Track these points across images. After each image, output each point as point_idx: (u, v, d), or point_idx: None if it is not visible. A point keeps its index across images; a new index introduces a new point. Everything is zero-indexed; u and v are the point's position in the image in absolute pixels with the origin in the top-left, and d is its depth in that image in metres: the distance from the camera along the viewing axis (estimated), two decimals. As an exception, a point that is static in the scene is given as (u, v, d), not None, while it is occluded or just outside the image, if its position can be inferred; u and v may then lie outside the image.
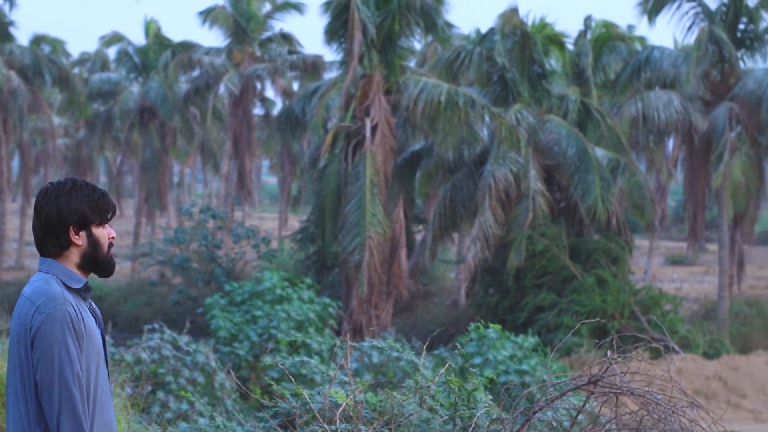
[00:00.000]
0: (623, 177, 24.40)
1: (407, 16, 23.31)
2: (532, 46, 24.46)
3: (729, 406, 20.57)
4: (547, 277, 23.07)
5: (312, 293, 18.39)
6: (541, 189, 23.22)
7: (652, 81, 27.64)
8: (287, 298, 17.73)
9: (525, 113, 23.80)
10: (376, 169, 22.17)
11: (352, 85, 23.02)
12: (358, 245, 21.62)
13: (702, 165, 27.14)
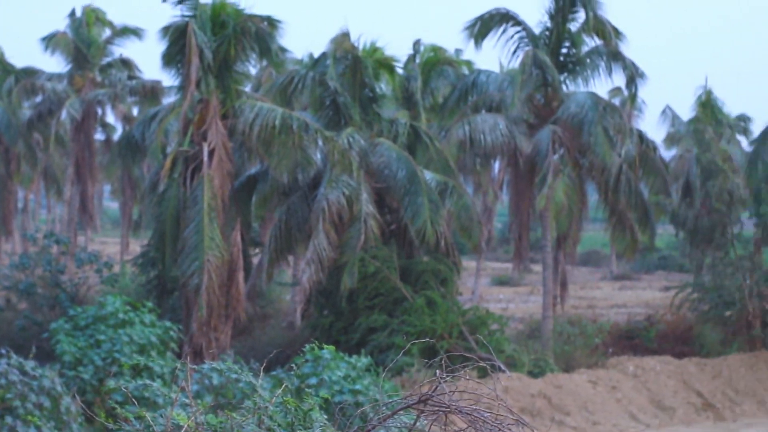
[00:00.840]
0: (451, 199, 25.55)
1: (242, 41, 24.05)
2: (363, 70, 25.42)
3: (553, 423, 21.92)
4: (379, 299, 24.02)
5: (153, 317, 18.93)
6: (373, 212, 24.18)
7: (479, 104, 28.88)
8: (130, 322, 18.24)
9: (357, 137, 24.77)
10: (213, 193, 22.81)
11: (189, 110, 23.66)
12: (197, 269, 22.26)
13: (527, 187, 28.52)
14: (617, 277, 59.77)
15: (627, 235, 28.93)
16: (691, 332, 29.34)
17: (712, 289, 28.84)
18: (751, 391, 26.19)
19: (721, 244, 28.79)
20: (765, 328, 28.36)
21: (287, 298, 32.28)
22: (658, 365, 25.46)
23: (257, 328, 27.90)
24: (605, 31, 29.14)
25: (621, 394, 23.61)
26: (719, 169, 28.45)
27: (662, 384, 24.77)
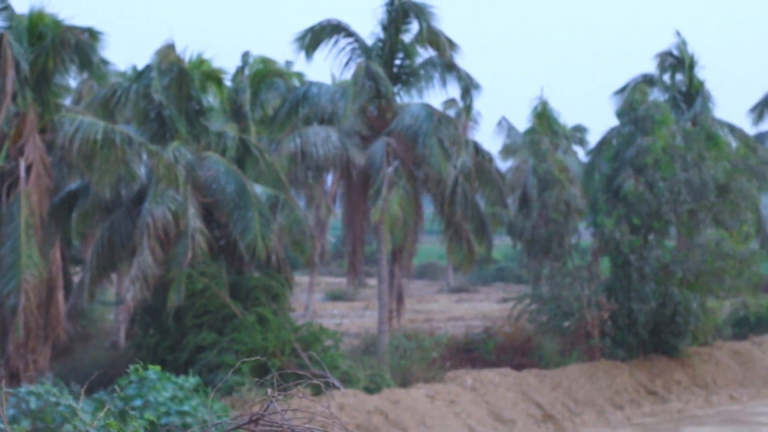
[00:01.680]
0: (283, 213, 25.62)
1: (62, 53, 23.80)
2: (190, 83, 25.37)
3: (390, 439, 22.04)
4: (208, 316, 23.91)
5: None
6: (201, 227, 24.08)
7: (311, 117, 29.08)
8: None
9: (183, 150, 24.61)
10: (31, 210, 22.46)
11: (5, 124, 23.13)
12: (13, 288, 21.92)
13: (360, 200, 28.78)
14: (454, 290, 60.84)
15: (463, 247, 29.46)
16: (530, 343, 30.03)
17: (551, 299, 29.61)
18: (591, 401, 27.00)
19: (559, 254, 29.60)
20: (604, 337, 29.27)
21: (110, 317, 31.82)
22: (497, 378, 25.98)
23: (78, 349, 27.45)
24: (439, 42, 29.71)
25: (460, 407, 23.96)
26: (556, 180, 29.29)
27: (501, 396, 25.28)
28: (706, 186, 29.89)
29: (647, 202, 29.25)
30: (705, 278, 29.94)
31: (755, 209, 33.13)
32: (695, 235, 30.15)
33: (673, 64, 38.03)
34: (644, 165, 29.63)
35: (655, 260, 29.26)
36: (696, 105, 36.77)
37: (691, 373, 30.11)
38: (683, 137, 31.21)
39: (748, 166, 31.48)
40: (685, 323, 29.60)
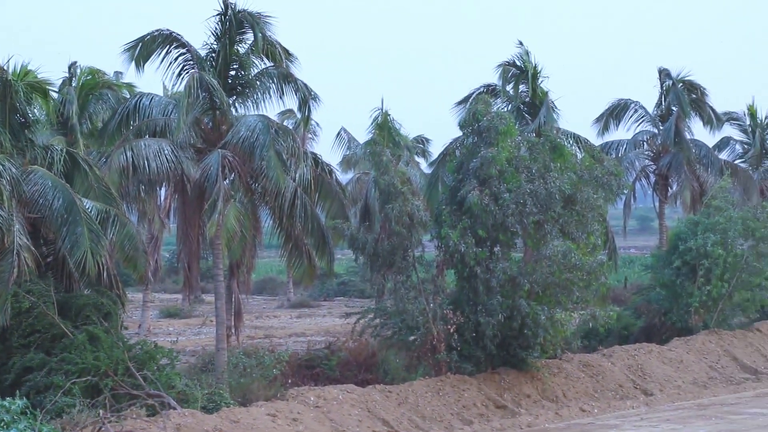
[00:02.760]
0: (114, 229, 25.77)
1: None
2: (14, 95, 25.26)
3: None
4: (36, 336, 23.95)
5: None
6: (27, 243, 24.06)
7: (143, 129, 29.30)
8: None
9: (7, 164, 24.64)
10: None
11: None
12: None
13: (196, 214, 29.10)
14: (295, 305, 61.50)
15: (304, 261, 30.02)
16: (375, 359, 30.66)
17: (395, 313, 30.19)
18: (438, 416, 27.63)
19: (403, 267, 30.18)
20: (450, 351, 29.93)
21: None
22: (341, 394, 26.44)
23: None
24: (275, 53, 30.28)
25: (303, 425, 24.34)
26: (398, 192, 29.88)
27: (346, 413, 25.73)
28: (552, 197, 30.66)
29: (492, 213, 29.90)
30: (553, 290, 30.73)
31: (602, 220, 34.01)
32: (542, 247, 30.82)
33: (517, 75, 39.29)
34: (489, 176, 30.29)
35: (502, 272, 29.92)
36: (540, 115, 38.01)
37: (540, 386, 30.92)
38: (528, 148, 31.96)
39: (594, 176, 32.36)
40: (533, 336, 30.34)
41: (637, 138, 50.40)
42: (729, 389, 34.25)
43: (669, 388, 33.48)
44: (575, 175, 31.89)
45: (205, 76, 28.70)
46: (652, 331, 39.57)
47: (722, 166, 49.42)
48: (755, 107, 53.86)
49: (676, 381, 34.11)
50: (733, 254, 38.44)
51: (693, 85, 49.73)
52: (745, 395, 33.41)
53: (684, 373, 34.85)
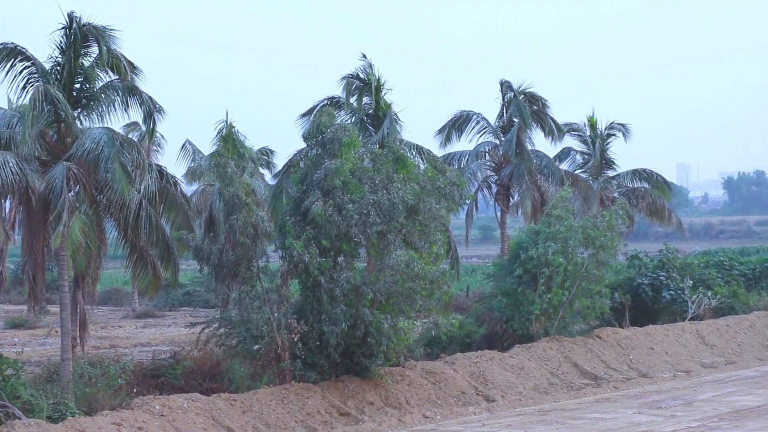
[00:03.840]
0: (-43, 241, 26.03)
1: None
2: None
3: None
4: None
5: None
6: None
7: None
8: None
9: None
10: None
11: None
12: None
13: (41, 226, 29.58)
14: (140, 315, 62.03)
15: (149, 272, 30.72)
16: (220, 368, 31.42)
17: (240, 323, 30.97)
18: (283, 424, 28.46)
19: (247, 277, 30.96)
20: (294, 360, 30.84)
21: None
22: (185, 403, 27.15)
23: None
24: (120, 66, 30.93)
25: (149, 434, 25.00)
26: (243, 203, 30.63)
27: (191, 422, 26.48)
28: (395, 207, 31.65)
29: (336, 224, 30.85)
30: (396, 299, 31.73)
31: (444, 230, 35.06)
32: (385, 257, 31.71)
33: (360, 87, 40.47)
34: (332, 187, 31.21)
35: (346, 282, 30.87)
36: (383, 127, 39.24)
37: (383, 393, 31.88)
38: (371, 159, 32.99)
39: (436, 187, 33.45)
40: (376, 344, 31.34)
41: (479, 149, 51.95)
42: (569, 395, 35.48)
43: (510, 394, 34.58)
44: (418, 186, 32.81)
45: (50, 89, 29.23)
46: (494, 339, 40.69)
47: (563, 176, 51.17)
48: (595, 118, 55.88)
49: (518, 387, 35.24)
50: (573, 262, 39.73)
51: (534, 96, 51.44)
52: (585, 400, 34.64)
53: (525, 380, 36.02)
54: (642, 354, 41.40)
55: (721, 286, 52.72)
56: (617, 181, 57.26)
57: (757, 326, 48.26)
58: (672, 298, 48.76)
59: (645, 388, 37.03)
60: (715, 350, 44.29)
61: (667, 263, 50.08)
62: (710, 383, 37.88)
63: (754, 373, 40.55)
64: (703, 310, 48.77)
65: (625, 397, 35.23)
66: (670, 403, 33.12)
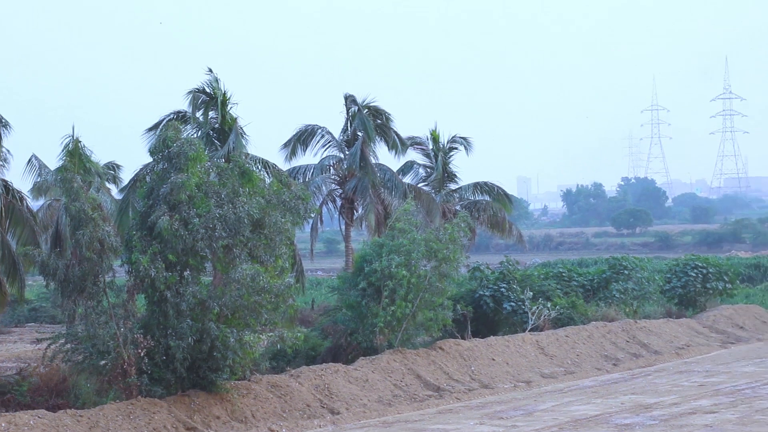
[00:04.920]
0: None
1: None
2: None
3: None
4: None
5: None
6: None
7: None
8: None
9: None
10: None
11: None
12: None
13: None
14: (-16, 332, 61.03)
15: (-6, 288, 30.70)
16: (66, 384, 31.55)
17: (86, 338, 31.18)
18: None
19: (94, 293, 31.24)
20: (141, 375, 31.20)
21: None
22: (32, 420, 27.32)
23: None
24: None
25: (-6, 451, 25.18)
26: (89, 218, 30.88)
27: (37, 439, 26.60)
28: (241, 221, 32.20)
29: (182, 238, 31.31)
30: (242, 313, 32.26)
31: (290, 243, 35.66)
32: (231, 271, 32.25)
33: (207, 101, 40.99)
34: (179, 201, 31.68)
35: (192, 296, 31.38)
36: (229, 141, 39.80)
37: (230, 407, 32.34)
38: (218, 173, 33.55)
39: (282, 201, 34.10)
40: (222, 358, 31.85)
41: (324, 163, 52.84)
42: (413, 406, 36.30)
43: (355, 406, 35.31)
44: (264, 200, 33.41)
45: None
46: (339, 351, 41.64)
47: (406, 189, 52.38)
48: (438, 132, 57.26)
49: (362, 399, 36.00)
50: (416, 275, 40.67)
51: (378, 110, 52.53)
52: (428, 412, 35.50)
53: (369, 392, 36.80)
54: (484, 365, 42.47)
55: (560, 297, 54.37)
56: (459, 194, 58.63)
57: (595, 336, 49.99)
58: (513, 310, 50.22)
59: (487, 399, 38.06)
60: (555, 360, 45.69)
61: (508, 275, 51.59)
62: (550, 393, 39.09)
63: (592, 382, 41.99)
64: (543, 321, 50.29)
65: (467, 408, 36.15)
66: (512, 413, 34.14)
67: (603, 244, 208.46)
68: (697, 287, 63.84)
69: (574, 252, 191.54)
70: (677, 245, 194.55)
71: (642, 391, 38.50)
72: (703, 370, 44.64)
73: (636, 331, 52.61)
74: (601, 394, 38.05)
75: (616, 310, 56.19)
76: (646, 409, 33.93)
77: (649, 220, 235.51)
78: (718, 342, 55.46)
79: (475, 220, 56.13)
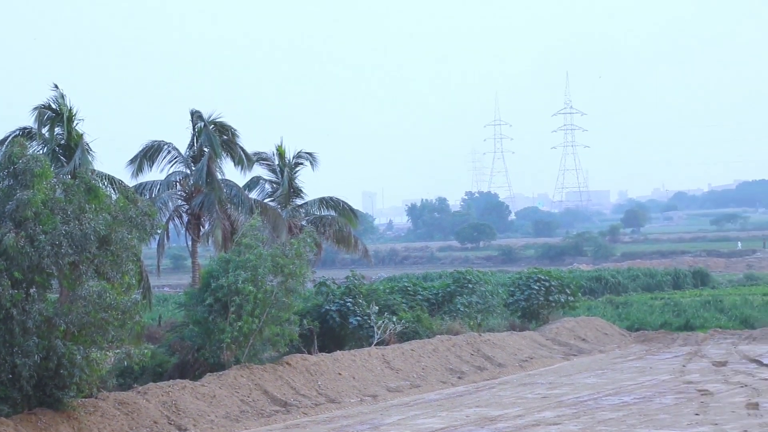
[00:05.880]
0: None
1: None
2: None
3: None
4: None
5: None
6: None
7: None
8: None
9: None
10: None
11: None
12: None
13: None
14: None
15: None
16: None
17: None
18: None
19: None
20: None
21: None
22: None
23: None
24: None
25: None
26: None
27: None
28: (87, 238, 32.29)
29: (29, 255, 31.31)
30: (89, 330, 32.31)
31: (136, 260, 35.97)
32: (78, 288, 32.35)
33: (52, 117, 40.90)
34: (25, 218, 31.66)
35: (38, 313, 31.34)
36: (75, 158, 39.78)
37: (77, 425, 32.39)
38: (64, 190, 33.60)
39: (128, 217, 34.30)
40: (69, 376, 31.86)
41: (170, 179, 53.00)
42: (260, 422, 36.78)
43: (203, 423, 35.60)
44: (110, 216, 33.54)
45: None
46: (186, 368, 41.77)
47: (252, 204, 52.90)
48: (284, 147, 57.94)
49: (210, 416, 36.33)
50: (263, 290, 41.24)
51: (224, 126, 52.95)
52: (275, 427, 36.07)
53: (217, 408, 37.15)
54: (330, 380, 43.17)
55: (405, 311, 55.40)
56: (305, 209, 59.32)
57: (440, 350, 51.13)
58: (359, 324, 51.02)
59: (333, 414, 38.82)
60: (401, 374, 46.60)
61: (354, 290, 52.43)
62: (396, 407, 40.02)
63: (438, 396, 43.07)
64: (388, 335, 51.20)
65: (314, 422, 36.81)
66: (358, 427, 34.94)
67: (447, 258, 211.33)
68: (540, 300, 65.59)
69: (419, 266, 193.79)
70: (520, 259, 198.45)
71: (487, 403, 39.60)
72: (546, 382, 46.07)
73: (480, 344, 53.92)
74: (447, 407, 39.09)
75: (461, 323, 57.37)
76: (491, 421, 34.99)
77: (492, 233, 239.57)
78: (561, 354, 57.17)
79: (321, 235, 56.87)
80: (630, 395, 40.40)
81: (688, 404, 37.21)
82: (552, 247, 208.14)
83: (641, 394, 40.72)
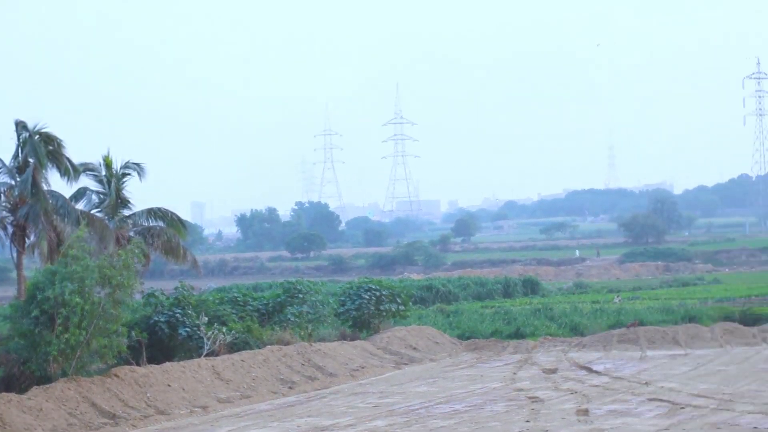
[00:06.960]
0: None
1: None
2: None
3: None
4: None
5: None
6: None
7: None
8: None
9: None
10: None
11: None
12: None
13: None
14: None
15: None
16: None
17: None
18: None
19: None
20: None
21: None
22: None
23: None
24: None
25: None
26: None
27: None
28: None
29: None
30: None
31: None
32: None
33: None
34: None
35: None
36: None
37: None
38: None
39: None
40: None
41: (-6, 190, 52.49)
42: None
43: None
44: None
45: None
46: (12, 381, 41.44)
47: (79, 216, 52.63)
48: (111, 158, 57.63)
49: (37, 429, 36.21)
50: (90, 302, 41.25)
51: (50, 137, 52.62)
52: None
53: (44, 422, 37.02)
54: (160, 391, 43.28)
55: (235, 321, 55.81)
56: (133, 220, 59.18)
57: (271, 360, 51.67)
58: (188, 335, 51.28)
59: (163, 426, 39.03)
60: (231, 385, 46.99)
61: (183, 300, 52.68)
62: (227, 418, 40.44)
63: (269, 406, 43.59)
64: (218, 346, 51.55)
65: (144, 435, 37.01)
66: (189, 437, 35.33)
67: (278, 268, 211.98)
68: (371, 309, 66.53)
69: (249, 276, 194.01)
70: (351, 268, 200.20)
71: (318, 413, 40.25)
72: (377, 391, 46.91)
73: (311, 354, 54.61)
74: (278, 418, 39.62)
75: (291, 333, 57.97)
76: (323, 431, 35.65)
77: (323, 243, 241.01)
78: (392, 363, 58.15)
79: (150, 246, 56.84)
80: (461, 403, 41.40)
81: (518, 411, 38.29)
82: (383, 256, 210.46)
83: (472, 401, 41.73)
